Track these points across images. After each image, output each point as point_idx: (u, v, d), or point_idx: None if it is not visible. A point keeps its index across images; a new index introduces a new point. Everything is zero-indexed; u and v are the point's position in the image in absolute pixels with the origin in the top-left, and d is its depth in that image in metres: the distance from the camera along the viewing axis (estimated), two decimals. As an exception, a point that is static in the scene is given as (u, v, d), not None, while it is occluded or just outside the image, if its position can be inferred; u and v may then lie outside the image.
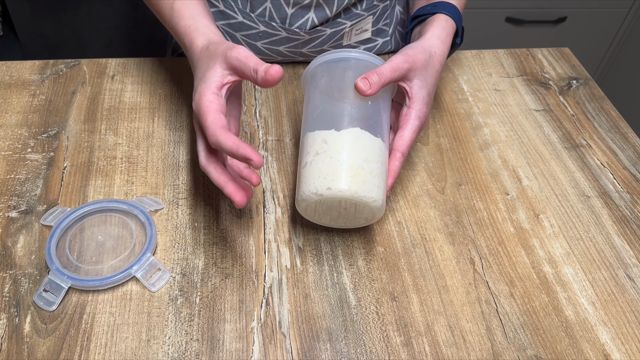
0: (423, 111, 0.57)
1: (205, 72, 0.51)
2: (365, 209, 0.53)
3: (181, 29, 0.57)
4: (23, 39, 1.55)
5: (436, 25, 0.62)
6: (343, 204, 0.53)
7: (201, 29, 0.56)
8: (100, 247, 0.56)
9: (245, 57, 0.49)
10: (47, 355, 0.49)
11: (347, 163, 0.51)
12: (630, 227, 0.63)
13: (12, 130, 0.68)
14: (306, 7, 0.72)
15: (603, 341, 0.53)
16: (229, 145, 0.47)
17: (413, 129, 0.57)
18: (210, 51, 0.53)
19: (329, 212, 0.55)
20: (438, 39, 0.61)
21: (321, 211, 0.55)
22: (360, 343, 0.52)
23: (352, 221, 0.57)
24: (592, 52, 1.75)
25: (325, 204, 0.53)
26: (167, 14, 0.60)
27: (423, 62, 0.57)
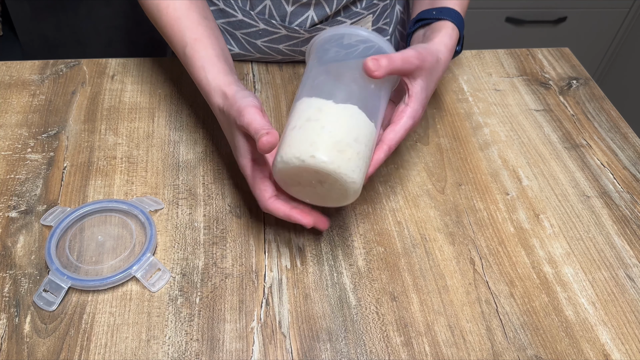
0: (418, 112, 0.57)
1: (233, 142, 0.56)
2: (340, 188, 0.51)
3: (196, 80, 0.59)
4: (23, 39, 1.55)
5: (444, 33, 0.62)
6: (321, 177, 0.50)
7: (212, 82, 0.57)
8: (100, 247, 0.56)
9: (247, 126, 0.51)
10: (47, 355, 0.49)
11: (337, 137, 0.49)
12: (630, 227, 0.63)
13: (12, 130, 0.68)
14: (306, 5, 0.72)
15: (603, 341, 0.53)
16: (281, 215, 0.54)
17: (405, 126, 0.56)
18: (226, 115, 0.55)
19: (303, 182, 0.53)
20: (445, 46, 0.61)
21: (295, 180, 0.53)
22: (360, 343, 0.52)
23: (322, 199, 0.54)
24: (592, 52, 1.75)
25: (303, 173, 0.51)
26: (181, 59, 0.61)
27: (431, 63, 0.57)
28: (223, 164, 0.66)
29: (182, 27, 0.60)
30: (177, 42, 0.61)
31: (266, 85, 0.77)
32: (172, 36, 0.61)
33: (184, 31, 0.60)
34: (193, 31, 0.60)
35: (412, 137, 0.71)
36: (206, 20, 0.62)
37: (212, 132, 0.70)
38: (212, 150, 0.68)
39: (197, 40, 0.59)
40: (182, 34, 0.60)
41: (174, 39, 0.61)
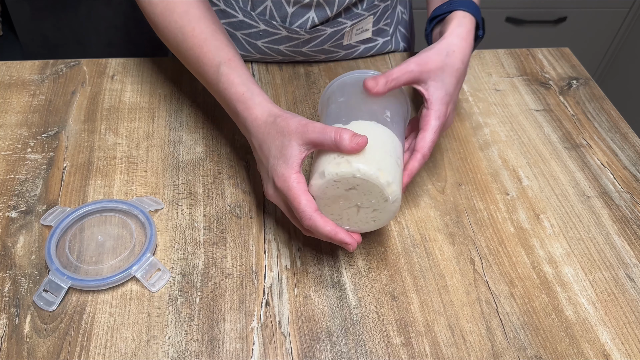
0: (442, 111, 0.57)
1: (283, 151, 0.52)
2: (382, 201, 0.50)
3: (233, 95, 0.57)
4: (23, 39, 1.55)
5: (455, 24, 0.61)
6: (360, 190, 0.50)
7: (256, 97, 0.56)
8: (100, 247, 0.56)
9: (322, 129, 0.50)
10: (46, 355, 0.49)
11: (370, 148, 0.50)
12: (630, 227, 0.63)
13: (12, 130, 0.68)
14: (307, 6, 0.72)
15: (603, 341, 0.53)
16: (327, 231, 0.50)
17: (434, 129, 0.56)
18: (279, 126, 0.53)
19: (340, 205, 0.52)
20: (458, 37, 0.60)
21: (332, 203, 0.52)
22: (360, 343, 0.52)
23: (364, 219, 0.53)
24: (592, 52, 1.75)
25: (342, 191, 0.50)
26: (212, 77, 0.59)
27: (437, 63, 0.57)
28: (223, 164, 0.66)
29: (213, 48, 0.59)
30: (208, 62, 0.59)
31: (266, 85, 0.77)
32: (200, 57, 0.60)
33: (216, 52, 0.59)
34: (225, 52, 0.59)
35: (412, 137, 0.71)
36: (231, 44, 0.62)
37: (212, 132, 0.70)
38: (212, 150, 0.68)
39: (231, 60, 0.59)
40: (214, 54, 0.59)
41: (203, 59, 0.59)
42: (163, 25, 0.62)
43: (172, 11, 0.61)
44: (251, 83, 0.57)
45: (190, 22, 0.60)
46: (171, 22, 0.61)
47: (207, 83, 0.61)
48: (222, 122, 0.71)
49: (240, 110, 0.56)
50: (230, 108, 0.58)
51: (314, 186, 0.50)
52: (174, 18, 0.61)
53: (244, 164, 0.66)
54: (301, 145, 0.51)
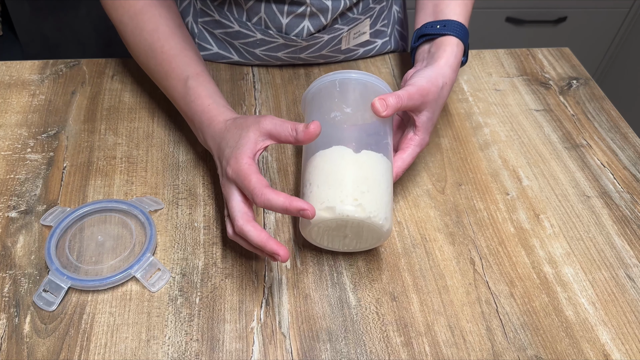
0: (425, 140, 0.60)
1: (238, 141, 0.52)
2: (373, 231, 0.52)
3: (198, 107, 0.58)
4: (23, 39, 1.55)
5: (449, 52, 0.62)
6: (349, 225, 0.52)
7: (221, 108, 0.58)
8: (100, 247, 0.56)
9: (280, 121, 0.51)
10: (46, 355, 0.49)
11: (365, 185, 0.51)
12: (630, 227, 0.63)
13: (11, 130, 0.68)
14: (300, 16, 0.71)
15: (603, 341, 0.53)
16: (281, 202, 0.47)
17: (413, 154, 0.59)
18: (238, 123, 0.54)
19: (334, 235, 0.54)
20: (450, 67, 0.61)
21: (326, 234, 0.54)
22: (360, 343, 0.52)
23: (358, 244, 0.56)
24: (592, 52, 1.75)
25: (331, 227, 0.52)
26: (179, 91, 0.61)
27: (434, 95, 0.58)
28: (223, 164, 0.66)
29: (182, 64, 0.61)
30: (176, 76, 0.61)
31: (266, 85, 0.77)
32: (169, 72, 0.61)
33: (184, 67, 0.61)
34: (193, 67, 0.61)
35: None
36: (200, 60, 0.63)
37: (212, 132, 0.70)
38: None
39: (199, 75, 0.60)
40: (182, 69, 0.60)
41: (172, 74, 0.61)
42: (134, 43, 0.64)
43: (141, 29, 0.63)
44: (217, 96, 0.59)
45: (160, 39, 0.62)
46: (141, 40, 0.63)
47: (174, 98, 0.62)
48: (222, 122, 0.71)
49: (205, 119, 0.57)
50: (195, 120, 0.59)
51: (318, 217, 0.51)
52: (144, 36, 0.62)
53: (244, 164, 0.66)
54: (258, 136, 0.52)
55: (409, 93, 0.56)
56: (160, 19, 0.63)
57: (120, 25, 0.65)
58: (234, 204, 0.51)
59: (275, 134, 0.52)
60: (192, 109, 0.59)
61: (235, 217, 0.50)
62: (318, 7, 0.70)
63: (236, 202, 0.51)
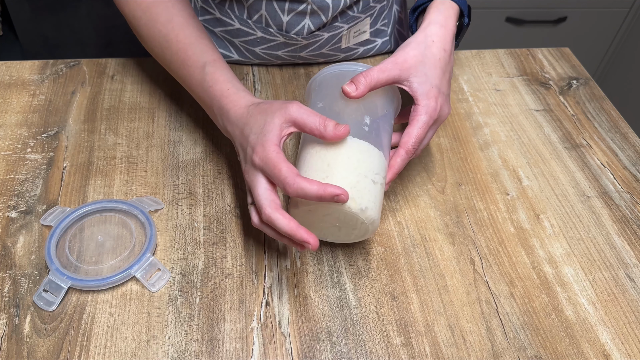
0: (431, 106, 0.55)
1: (263, 126, 0.51)
2: (359, 224, 0.51)
3: (217, 91, 0.57)
4: (23, 39, 1.55)
5: (433, 11, 0.60)
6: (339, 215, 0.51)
7: (241, 92, 0.57)
8: (100, 247, 0.56)
9: (309, 111, 0.50)
10: (46, 355, 0.49)
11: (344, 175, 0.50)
12: (630, 227, 0.63)
13: (11, 130, 0.68)
14: (301, 14, 0.71)
15: (603, 341, 0.53)
16: (314, 190, 0.47)
17: (420, 125, 0.55)
18: (263, 108, 0.53)
19: (322, 222, 0.53)
20: (436, 24, 0.58)
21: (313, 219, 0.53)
22: (360, 343, 0.52)
23: (344, 236, 0.55)
24: (592, 52, 1.75)
25: (319, 215, 0.52)
26: (197, 77, 0.60)
27: (416, 57, 0.56)
28: (223, 164, 0.66)
29: (198, 51, 0.60)
30: (193, 64, 0.60)
31: (266, 85, 0.77)
32: (185, 60, 0.61)
33: (201, 54, 0.60)
34: (209, 54, 0.60)
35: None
36: (216, 48, 0.62)
37: (212, 132, 0.70)
38: (212, 150, 0.68)
39: (216, 61, 0.59)
40: (199, 56, 0.60)
41: (188, 61, 0.60)
42: (148, 35, 0.64)
43: (155, 21, 0.62)
44: (236, 81, 0.58)
45: (174, 29, 0.62)
46: (155, 32, 0.62)
47: (190, 85, 0.62)
48: (222, 122, 0.71)
49: (225, 104, 0.56)
50: (215, 105, 0.58)
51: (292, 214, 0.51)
52: (158, 27, 0.62)
53: (244, 164, 0.67)
54: (283, 122, 0.50)
55: (380, 67, 0.54)
56: (173, 10, 0.62)
57: (133, 20, 0.64)
58: (261, 191, 0.50)
59: (301, 123, 0.50)
60: (211, 94, 0.58)
61: (263, 205, 0.49)
62: (319, 5, 0.70)
63: (263, 190, 0.50)
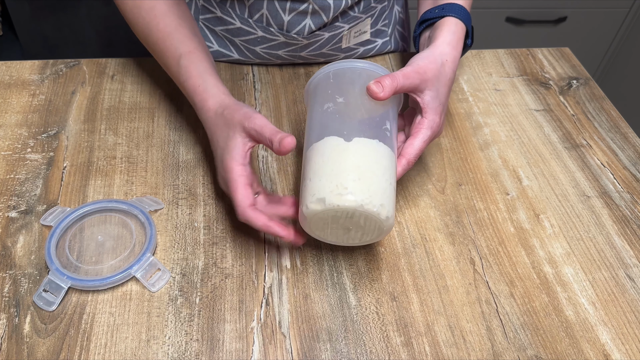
0: (436, 122, 0.57)
1: (227, 142, 0.54)
2: (373, 223, 0.50)
3: (190, 87, 0.59)
4: (23, 39, 1.55)
5: (446, 30, 0.61)
6: (345, 216, 0.50)
7: (210, 89, 0.58)
8: (100, 247, 0.56)
9: (260, 128, 0.52)
10: (46, 355, 0.49)
11: (360, 173, 0.49)
12: (630, 227, 0.63)
13: (11, 130, 0.68)
14: (302, 14, 0.71)
15: (603, 341, 0.53)
16: (259, 225, 0.52)
17: (424, 138, 0.56)
18: (226, 118, 0.55)
19: (336, 228, 0.52)
20: (449, 45, 0.60)
21: (327, 228, 0.52)
22: (360, 343, 0.52)
23: (363, 237, 0.53)
24: (592, 52, 1.75)
25: (327, 220, 0.51)
26: (173, 70, 0.62)
27: (434, 72, 0.56)
28: (223, 164, 0.66)
29: (175, 41, 0.62)
30: (171, 55, 0.62)
31: (266, 85, 0.77)
32: (164, 50, 0.62)
33: (177, 45, 0.61)
34: (186, 44, 0.61)
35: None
36: (196, 36, 0.63)
37: (212, 132, 0.70)
38: (212, 150, 0.68)
39: (191, 53, 0.61)
40: (176, 47, 0.61)
41: (167, 52, 0.62)
42: (133, 21, 0.65)
43: (139, 8, 0.63)
44: (208, 75, 0.59)
45: (156, 17, 0.63)
46: (139, 18, 0.64)
47: (171, 75, 0.64)
48: (222, 122, 0.71)
49: (197, 101, 0.59)
50: (191, 101, 0.60)
51: (310, 210, 0.50)
52: (142, 14, 0.63)
53: (244, 164, 0.66)
54: (244, 137, 0.53)
55: (404, 72, 0.54)
56: None
57: (121, 5, 0.65)
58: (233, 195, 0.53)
59: (257, 138, 0.53)
60: (186, 88, 0.60)
61: (236, 207, 0.53)
62: (320, 5, 0.71)
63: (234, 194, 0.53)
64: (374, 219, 0.49)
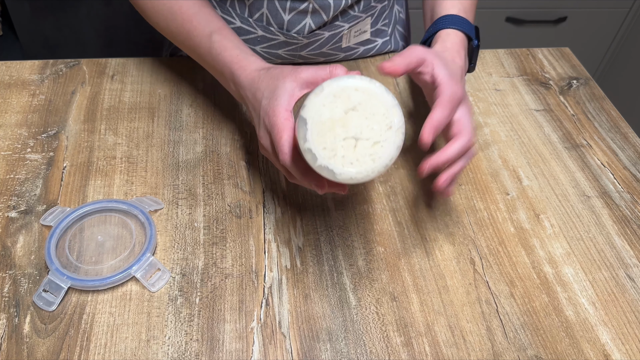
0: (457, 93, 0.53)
1: (274, 92, 0.52)
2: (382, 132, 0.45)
3: (227, 58, 0.58)
4: (23, 39, 1.55)
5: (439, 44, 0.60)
6: (360, 113, 0.45)
7: (250, 57, 0.58)
8: (99, 247, 0.56)
9: (314, 70, 0.51)
10: (46, 355, 0.49)
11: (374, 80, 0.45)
12: (630, 227, 0.63)
13: (11, 130, 0.68)
14: (302, 13, 0.72)
15: (603, 341, 0.53)
16: (299, 173, 0.49)
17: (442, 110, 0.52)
18: (273, 74, 0.54)
19: (337, 130, 0.45)
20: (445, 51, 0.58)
21: (329, 125, 0.45)
22: (360, 343, 0.52)
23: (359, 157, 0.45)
24: (592, 52, 1.75)
25: (340, 109, 0.45)
26: (204, 46, 0.61)
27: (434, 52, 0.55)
28: (223, 164, 0.66)
29: (203, 20, 0.61)
30: (200, 33, 0.61)
31: (266, 85, 0.77)
32: (191, 30, 0.61)
33: (206, 23, 0.61)
34: (215, 22, 0.61)
35: (412, 137, 0.71)
36: (219, 16, 0.63)
37: (212, 132, 0.70)
38: (212, 150, 0.68)
39: (221, 29, 0.60)
40: (204, 26, 0.61)
41: (195, 31, 0.61)
42: (152, 10, 0.64)
43: None
44: (243, 46, 0.59)
45: (178, 1, 0.62)
46: (159, 5, 0.63)
47: (199, 55, 0.62)
48: (222, 122, 0.71)
49: (235, 70, 0.57)
50: (225, 71, 0.59)
51: (310, 103, 0.45)
52: (162, 0, 0.63)
53: (244, 164, 0.66)
54: (295, 86, 0.51)
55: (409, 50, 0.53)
56: None
57: None
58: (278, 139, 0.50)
59: (314, 80, 0.51)
60: (221, 62, 0.59)
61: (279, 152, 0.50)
62: (320, 4, 0.71)
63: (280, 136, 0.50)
64: (380, 103, 0.45)
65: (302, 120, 0.45)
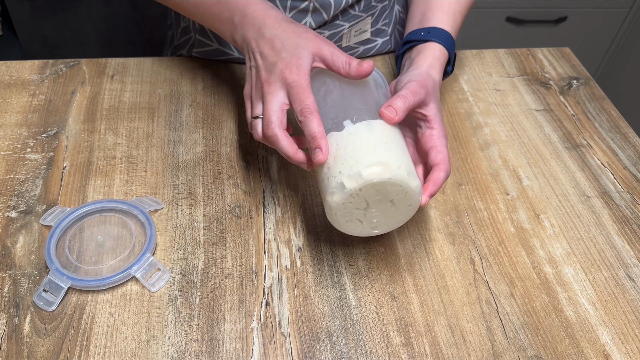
0: (445, 132, 0.56)
1: (297, 49, 0.52)
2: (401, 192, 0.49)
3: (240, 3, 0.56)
4: (23, 39, 1.55)
5: (430, 56, 0.60)
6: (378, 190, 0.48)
7: (269, 4, 0.56)
8: (99, 247, 0.56)
9: (338, 50, 0.52)
10: (46, 355, 0.49)
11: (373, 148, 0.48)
12: (630, 227, 0.63)
13: (11, 130, 0.68)
14: (303, 12, 0.72)
15: (603, 341, 0.53)
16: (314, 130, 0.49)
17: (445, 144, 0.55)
18: (297, 30, 0.54)
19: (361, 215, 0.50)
20: (432, 69, 0.59)
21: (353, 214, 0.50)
22: (360, 343, 0.52)
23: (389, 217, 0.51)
24: (592, 52, 1.75)
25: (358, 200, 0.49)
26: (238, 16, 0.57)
27: (432, 86, 0.56)
28: (223, 164, 0.66)
29: None
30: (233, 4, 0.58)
31: (266, 85, 0.77)
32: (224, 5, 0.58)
33: None
34: None
35: (412, 137, 0.71)
36: None
37: (212, 132, 0.70)
38: (212, 150, 0.68)
39: None
40: None
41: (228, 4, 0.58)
42: None
43: None
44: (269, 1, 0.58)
45: None
46: None
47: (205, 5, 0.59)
48: (222, 122, 0.71)
49: (250, 12, 0.56)
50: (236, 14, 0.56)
51: (330, 208, 0.49)
52: None
53: (243, 164, 0.66)
54: (314, 54, 0.52)
55: (412, 89, 0.53)
56: None
57: None
58: (275, 107, 0.52)
59: (330, 62, 0.52)
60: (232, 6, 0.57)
61: (272, 121, 0.51)
62: (321, 3, 0.71)
63: (277, 106, 0.52)
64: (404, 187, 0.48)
65: None
